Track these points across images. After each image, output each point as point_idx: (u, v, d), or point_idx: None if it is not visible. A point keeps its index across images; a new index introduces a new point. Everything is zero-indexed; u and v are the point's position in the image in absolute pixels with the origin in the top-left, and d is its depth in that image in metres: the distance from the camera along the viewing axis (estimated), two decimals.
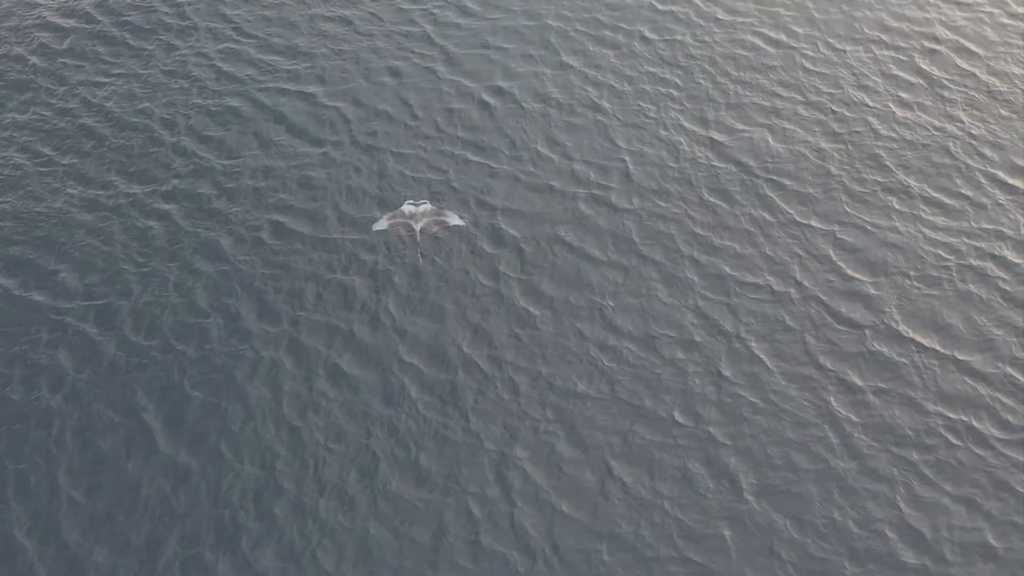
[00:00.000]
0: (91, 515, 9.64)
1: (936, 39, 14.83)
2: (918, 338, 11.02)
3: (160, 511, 9.65)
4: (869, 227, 12.18)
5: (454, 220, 12.04)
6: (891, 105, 13.79)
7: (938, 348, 10.92)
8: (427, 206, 12.07)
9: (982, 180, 12.71)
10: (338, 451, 10.11)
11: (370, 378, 10.73)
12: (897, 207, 12.41)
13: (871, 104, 13.80)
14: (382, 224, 12.06)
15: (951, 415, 10.34)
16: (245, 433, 10.25)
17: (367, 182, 12.83)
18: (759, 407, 10.41)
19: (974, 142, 13.21)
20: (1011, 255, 11.83)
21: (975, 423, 10.26)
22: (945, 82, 14.11)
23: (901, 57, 14.54)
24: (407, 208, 12.07)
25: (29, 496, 9.79)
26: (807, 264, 11.78)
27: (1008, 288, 11.47)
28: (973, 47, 14.64)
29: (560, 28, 15.23)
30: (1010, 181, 12.70)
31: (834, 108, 13.75)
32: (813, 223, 12.23)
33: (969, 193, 12.57)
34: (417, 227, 11.91)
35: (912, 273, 11.67)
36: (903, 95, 13.93)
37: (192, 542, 9.42)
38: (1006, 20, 15.13)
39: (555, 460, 10.02)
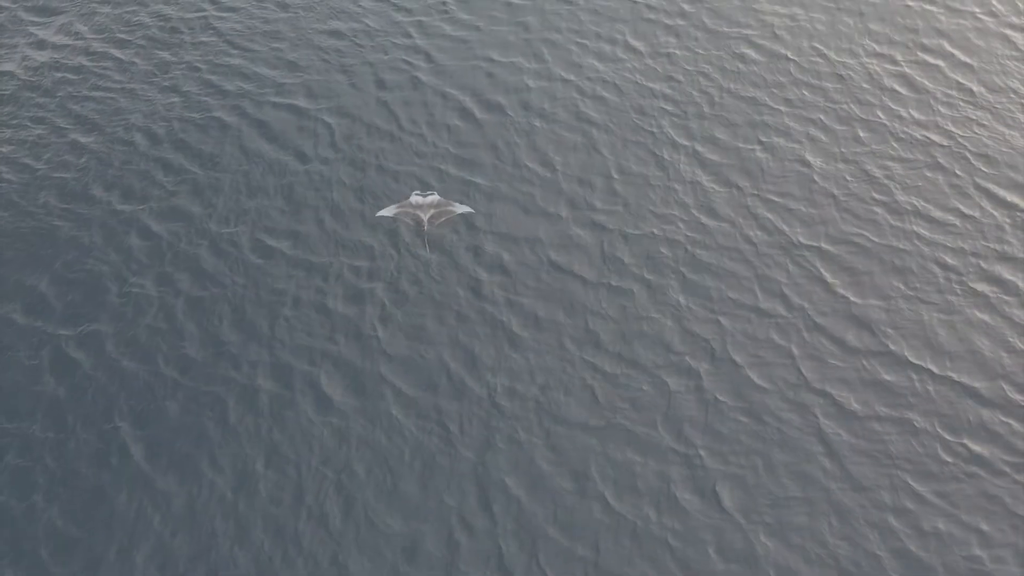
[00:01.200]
0: (68, 537, 9.44)
1: (931, 52, 14.66)
2: (914, 359, 10.79)
3: (136, 530, 9.46)
4: (863, 244, 11.97)
5: (461, 209, 12.13)
6: (884, 119, 13.60)
7: (934, 369, 10.69)
8: (434, 197, 12.16)
9: (978, 196, 12.51)
10: (318, 471, 9.89)
11: (353, 398, 10.52)
12: (891, 224, 12.20)
13: (864, 118, 13.62)
14: (388, 211, 12.13)
15: (949, 438, 10.11)
16: (224, 453, 10.05)
17: (354, 197, 12.64)
18: (751, 431, 10.18)
19: (970, 157, 13.01)
20: (1008, 273, 11.61)
21: (973, 446, 10.03)
22: (940, 95, 13.93)
23: (895, 71, 14.36)
24: (415, 199, 12.18)
25: (5, 514, 9.59)
26: (800, 283, 11.56)
27: (1005, 307, 11.25)
28: (968, 60, 14.48)
29: (551, 40, 15.08)
30: (1007, 197, 12.49)
31: (826, 122, 13.56)
32: (806, 240, 12.02)
33: (965, 210, 12.36)
34: (424, 217, 11.93)
35: (908, 292, 11.45)
36: (897, 109, 13.75)
37: (167, 562, 9.22)
38: (1002, 32, 14.97)
39: (540, 482, 9.80)
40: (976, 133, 13.35)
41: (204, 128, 13.74)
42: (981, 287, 11.46)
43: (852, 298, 11.38)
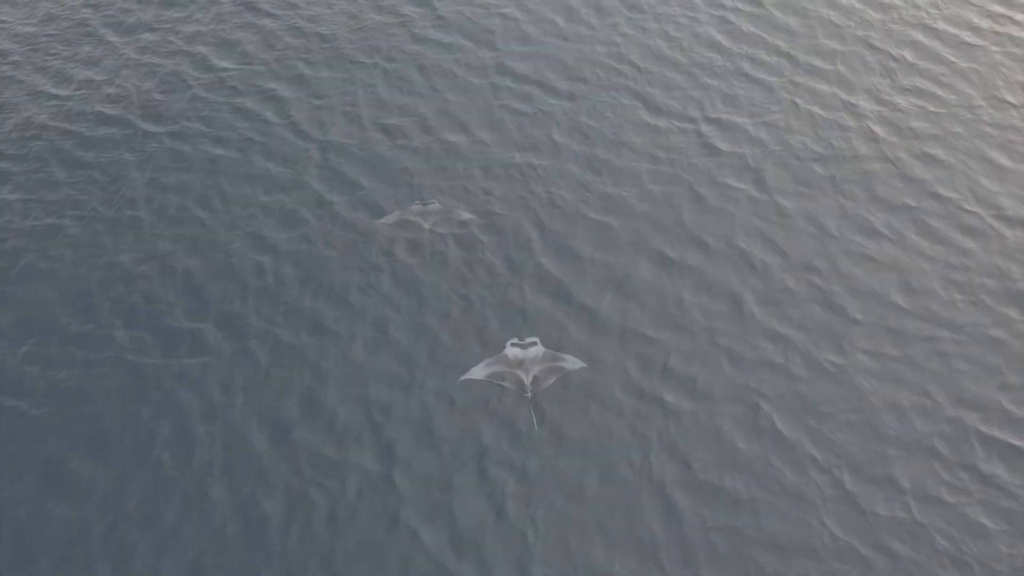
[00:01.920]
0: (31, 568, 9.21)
1: (925, 76, 14.54)
2: (911, 391, 10.48)
3: (101, 564, 9.17)
4: (857, 274, 11.72)
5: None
6: (879, 143, 13.44)
7: (927, 403, 10.38)
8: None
9: (976, 223, 12.27)
10: (287, 509, 9.62)
11: (328, 433, 10.26)
12: (887, 253, 11.96)
13: (857, 143, 13.46)
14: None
15: (944, 473, 9.80)
16: (192, 489, 9.80)
17: (339, 226, 12.46)
18: (741, 466, 9.88)
19: (967, 183, 12.80)
20: (1008, 303, 11.34)
21: (968, 481, 9.73)
22: (936, 119, 13.76)
23: (888, 95, 14.24)
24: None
25: None
26: (792, 316, 11.30)
27: (1005, 336, 10.96)
28: (965, 85, 14.34)
29: (538, 65, 15.03)
30: (1004, 226, 12.24)
31: (818, 147, 13.39)
32: (797, 271, 11.78)
33: (962, 238, 12.11)
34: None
35: (905, 320, 11.17)
36: (891, 136, 13.58)
37: None
38: (998, 58, 14.84)
39: (519, 521, 9.49)
40: (974, 156, 13.15)
41: (185, 160, 13.60)
42: (980, 318, 11.19)
43: (847, 325, 11.10)
